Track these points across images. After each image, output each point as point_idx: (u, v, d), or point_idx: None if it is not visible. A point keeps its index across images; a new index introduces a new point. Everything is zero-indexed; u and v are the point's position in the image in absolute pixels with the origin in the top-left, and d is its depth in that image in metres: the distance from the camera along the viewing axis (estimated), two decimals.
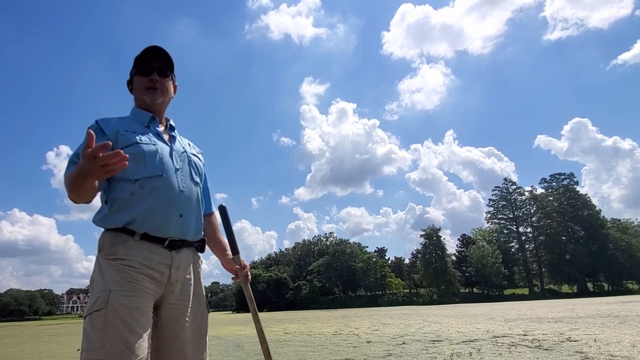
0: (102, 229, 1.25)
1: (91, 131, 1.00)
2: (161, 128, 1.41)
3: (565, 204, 56.86)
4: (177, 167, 1.31)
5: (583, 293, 49.08)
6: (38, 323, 40.49)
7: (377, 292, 58.35)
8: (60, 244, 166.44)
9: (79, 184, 1.09)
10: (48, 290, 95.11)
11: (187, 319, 1.28)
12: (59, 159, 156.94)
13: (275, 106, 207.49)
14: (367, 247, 64.86)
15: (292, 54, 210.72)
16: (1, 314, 77.90)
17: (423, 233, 57.46)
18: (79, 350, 1.11)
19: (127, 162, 1.02)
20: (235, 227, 1.57)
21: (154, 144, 1.29)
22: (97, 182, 1.15)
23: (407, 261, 69.11)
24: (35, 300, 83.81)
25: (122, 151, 1.01)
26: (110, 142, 1.01)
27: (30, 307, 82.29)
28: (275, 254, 73.76)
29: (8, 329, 22.75)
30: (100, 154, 0.98)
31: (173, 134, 1.43)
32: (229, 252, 1.50)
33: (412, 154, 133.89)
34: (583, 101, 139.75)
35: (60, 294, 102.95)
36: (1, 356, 6.51)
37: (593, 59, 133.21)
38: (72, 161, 1.21)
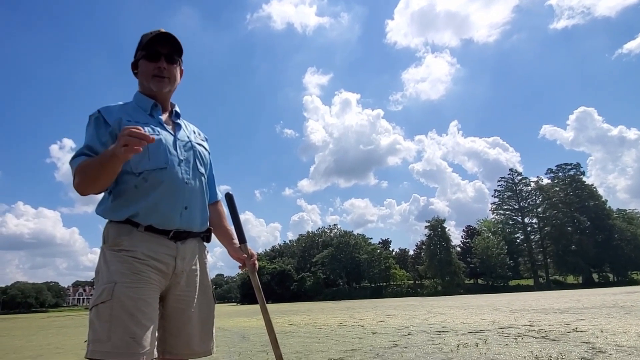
0: (106, 220, 1.23)
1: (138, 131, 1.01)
2: (165, 116, 1.36)
3: (571, 194, 56.43)
4: (182, 158, 1.28)
5: (588, 284, 48.99)
6: (45, 315, 41.01)
7: (381, 284, 58.67)
8: (65, 237, 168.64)
9: (101, 169, 1.07)
10: (54, 282, 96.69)
11: (193, 310, 1.27)
12: (62, 152, 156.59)
13: (277, 97, 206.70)
14: (371, 238, 65.14)
15: (295, 44, 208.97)
16: (8, 306, 79.44)
17: (427, 224, 57.48)
18: (86, 342, 1.11)
19: (140, 148, 1.01)
20: (240, 218, 1.54)
21: (157, 135, 1.25)
22: (115, 171, 1.11)
23: (411, 252, 69.35)
24: (41, 293, 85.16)
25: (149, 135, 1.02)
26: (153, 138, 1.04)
27: (37, 299, 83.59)
28: (280, 245, 74.23)
29: (16, 321, 23.10)
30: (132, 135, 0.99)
31: (178, 121, 1.39)
32: (236, 240, 1.47)
33: (416, 145, 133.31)
34: (589, 90, 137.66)
35: (66, 287, 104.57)
36: (10, 348, 6.62)
37: (599, 48, 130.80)
38: (82, 152, 1.18)
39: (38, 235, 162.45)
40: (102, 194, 1.27)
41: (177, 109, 1.42)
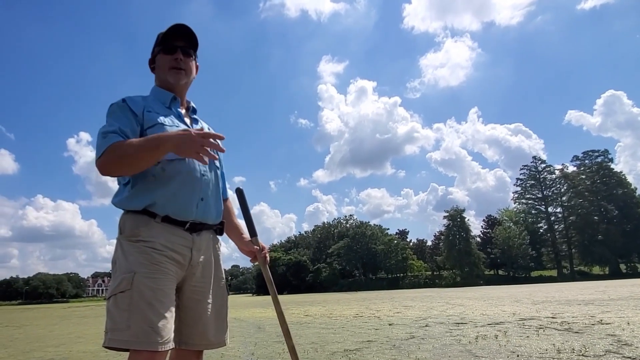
0: (122, 211, 1.25)
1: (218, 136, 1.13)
2: (182, 110, 1.39)
3: (598, 182, 54.22)
4: None
5: (615, 275, 47.27)
6: (66, 305, 42.34)
7: (398, 275, 58.49)
8: (84, 229, 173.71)
9: (146, 154, 1.10)
10: (74, 273, 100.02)
11: (208, 301, 1.29)
12: (79, 146, 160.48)
13: (292, 87, 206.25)
14: (388, 229, 64.86)
15: (309, 31, 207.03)
16: (31, 296, 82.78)
17: (446, 214, 56.68)
18: (105, 332, 1.14)
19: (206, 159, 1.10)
20: (254, 210, 1.53)
21: (176, 126, 1.28)
22: (155, 161, 1.15)
23: (429, 243, 68.76)
24: (62, 284, 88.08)
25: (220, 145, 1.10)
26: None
27: (58, 290, 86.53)
28: (295, 236, 74.94)
29: (38, 311, 23.84)
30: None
31: (195, 116, 1.42)
32: (246, 234, 1.49)
33: (435, 133, 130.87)
34: (617, 73, 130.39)
35: (85, 278, 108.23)
36: (33, 337, 6.92)
37: (629, 28, 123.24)
38: (115, 131, 1.15)
39: (57, 228, 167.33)
40: (118, 185, 1.29)
41: (193, 105, 1.44)
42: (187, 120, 1.37)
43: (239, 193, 1.53)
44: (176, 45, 1.34)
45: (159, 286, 1.13)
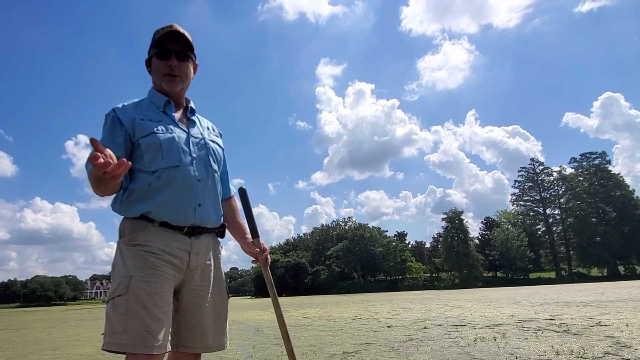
0: (122, 216, 1.26)
1: (95, 140, 0.94)
2: (179, 113, 1.37)
3: (596, 184, 54.45)
4: (194, 155, 1.30)
5: (614, 276, 47.36)
6: (64, 308, 41.93)
7: (397, 277, 58.45)
8: (82, 232, 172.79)
9: (101, 185, 1.08)
10: (72, 276, 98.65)
11: (207, 304, 1.29)
12: (77, 148, 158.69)
13: (290, 89, 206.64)
14: (387, 231, 64.85)
15: (307, 34, 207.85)
16: (29, 299, 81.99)
17: (445, 216, 56.77)
18: (103, 334, 1.14)
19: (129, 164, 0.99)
20: (253, 212, 1.54)
21: (170, 133, 1.27)
22: (109, 183, 1.11)
23: (427, 245, 68.74)
24: (60, 286, 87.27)
25: (125, 160, 0.97)
26: (124, 160, 0.96)
27: (56, 292, 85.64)
28: (294, 239, 74.68)
29: (36, 314, 23.68)
30: (107, 169, 0.93)
31: (193, 118, 1.40)
32: (249, 235, 1.49)
33: (433, 135, 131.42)
34: (615, 75, 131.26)
35: (84, 280, 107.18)
36: (31, 339, 6.86)
37: (627, 30, 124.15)
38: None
39: (56, 230, 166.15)
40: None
41: (192, 105, 1.42)
42: (184, 122, 1.35)
43: (242, 193, 1.53)
44: (170, 50, 1.31)
45: (155, 290, 1.14)
